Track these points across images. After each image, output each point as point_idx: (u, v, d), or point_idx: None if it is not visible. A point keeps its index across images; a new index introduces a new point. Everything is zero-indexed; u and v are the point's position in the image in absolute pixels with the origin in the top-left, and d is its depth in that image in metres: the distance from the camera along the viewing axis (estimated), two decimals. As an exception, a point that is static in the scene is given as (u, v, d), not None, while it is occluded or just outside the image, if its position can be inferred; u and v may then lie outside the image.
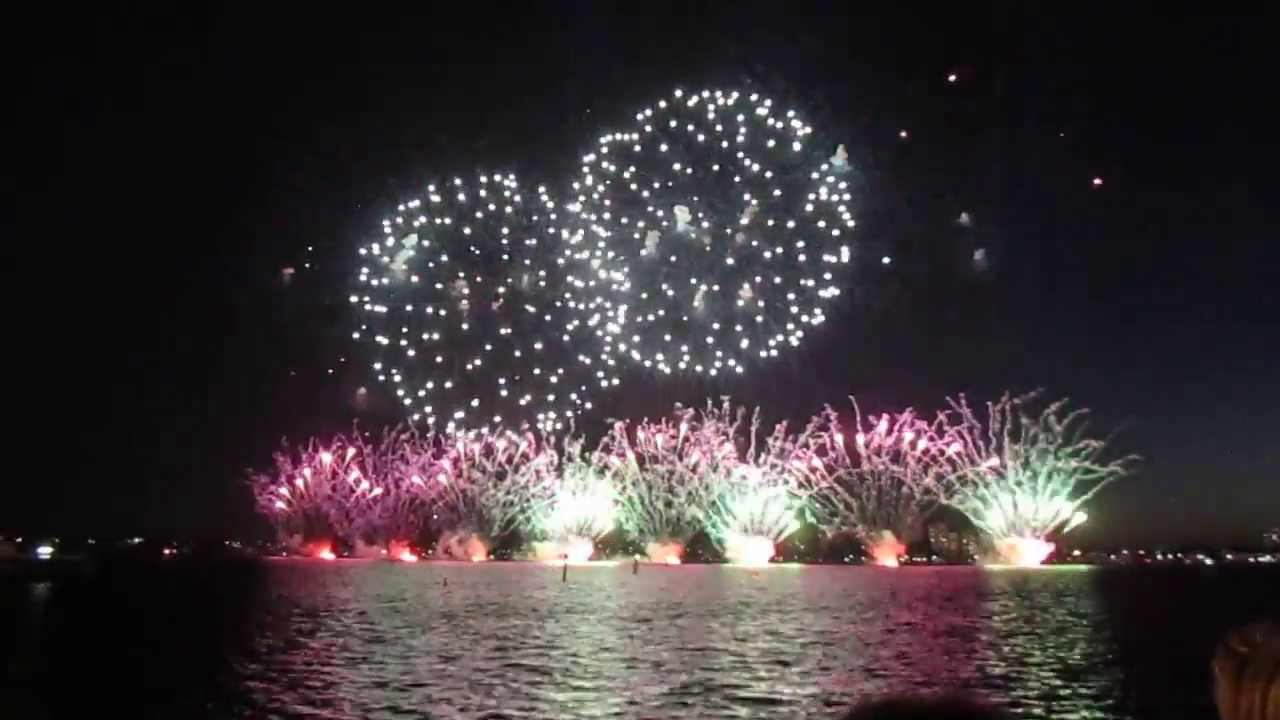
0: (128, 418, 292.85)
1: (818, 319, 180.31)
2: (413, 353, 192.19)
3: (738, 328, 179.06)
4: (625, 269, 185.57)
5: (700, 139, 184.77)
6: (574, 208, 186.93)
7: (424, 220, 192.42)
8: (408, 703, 20.43)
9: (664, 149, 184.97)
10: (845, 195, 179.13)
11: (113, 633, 38.99)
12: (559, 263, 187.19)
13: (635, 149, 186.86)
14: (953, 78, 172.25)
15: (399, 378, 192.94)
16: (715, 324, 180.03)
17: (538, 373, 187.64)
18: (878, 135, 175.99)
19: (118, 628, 41.33)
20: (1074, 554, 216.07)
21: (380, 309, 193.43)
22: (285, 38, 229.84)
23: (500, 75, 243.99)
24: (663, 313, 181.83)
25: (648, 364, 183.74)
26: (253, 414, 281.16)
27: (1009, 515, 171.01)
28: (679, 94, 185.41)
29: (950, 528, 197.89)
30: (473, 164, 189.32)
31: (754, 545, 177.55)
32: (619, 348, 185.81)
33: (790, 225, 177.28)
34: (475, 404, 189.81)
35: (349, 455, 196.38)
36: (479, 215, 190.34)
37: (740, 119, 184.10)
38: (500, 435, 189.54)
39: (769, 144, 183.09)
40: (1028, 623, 43.55)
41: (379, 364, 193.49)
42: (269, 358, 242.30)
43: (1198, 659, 1.97)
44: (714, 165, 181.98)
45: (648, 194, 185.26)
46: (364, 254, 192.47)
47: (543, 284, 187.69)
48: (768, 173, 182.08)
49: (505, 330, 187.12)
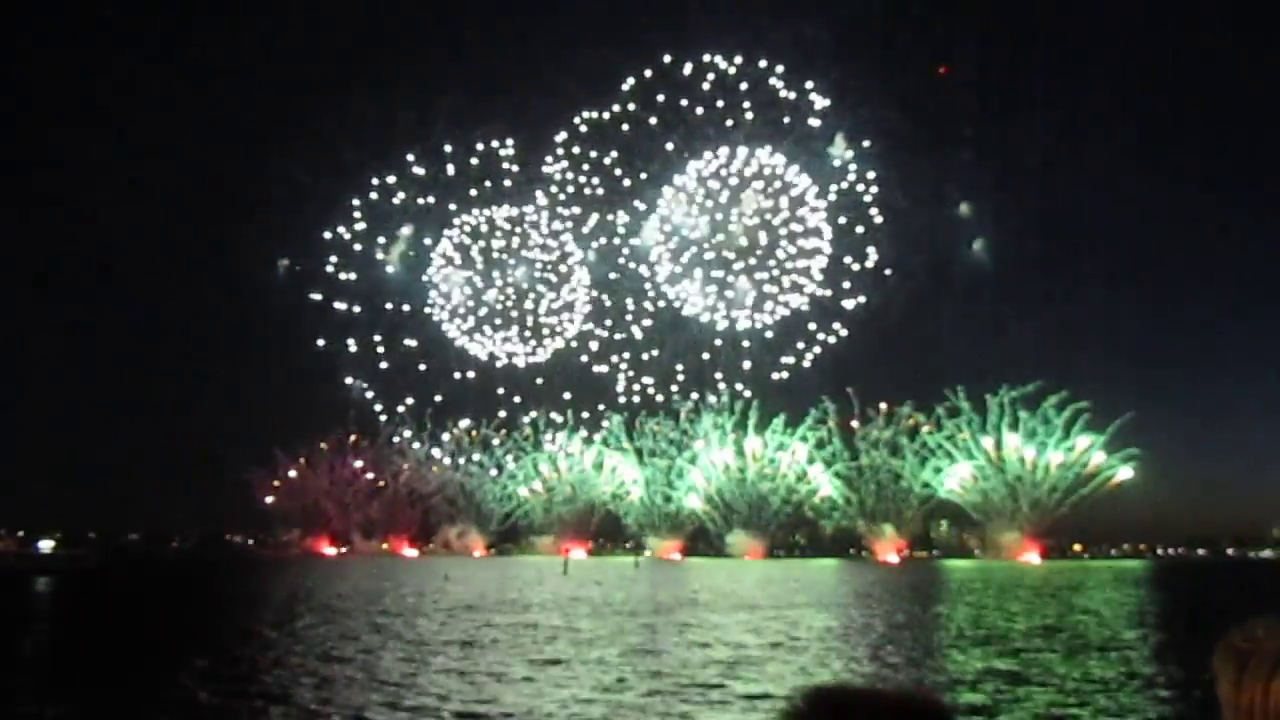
0: (129, 412, 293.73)
1: (840, 332, 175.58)
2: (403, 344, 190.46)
3: (734, 321, 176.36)
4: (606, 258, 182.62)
5: (697, 111, 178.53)
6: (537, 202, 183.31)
7: (405, 197, 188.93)
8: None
9: (651, 123, 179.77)
10: (871, 185, 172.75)
11: (111, 627, 38.98)
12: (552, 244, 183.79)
13: (621, 126, 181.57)
14: (947, 68, 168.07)
15: (387, 367, 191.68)
16: (708, 316, 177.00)
17: (534, 361, 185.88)
18: (875, 119, 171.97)
19: (116, 622, 41.33)
20: (1074, 549, 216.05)
21: (363, 303, 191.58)
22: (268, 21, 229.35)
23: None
24: (661, 304, 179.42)
25: (643, 356, 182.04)
26: (251, 408, 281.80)
27: (1008, 509, 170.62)
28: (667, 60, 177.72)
29: (951, 522, 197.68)
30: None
31: (752, 540, 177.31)
32: (610, 338, 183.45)
33: (799, 217, 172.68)
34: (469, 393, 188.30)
35: (345, 448, 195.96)
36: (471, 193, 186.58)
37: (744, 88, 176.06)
38: (498, 429, 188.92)
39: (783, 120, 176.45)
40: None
41: (368, 358, 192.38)
42: (266, 351, 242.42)
43: None
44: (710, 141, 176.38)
45: (629, 179, 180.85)
46: (353, 246, 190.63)
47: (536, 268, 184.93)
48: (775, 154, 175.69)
49: (496, 327, 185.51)
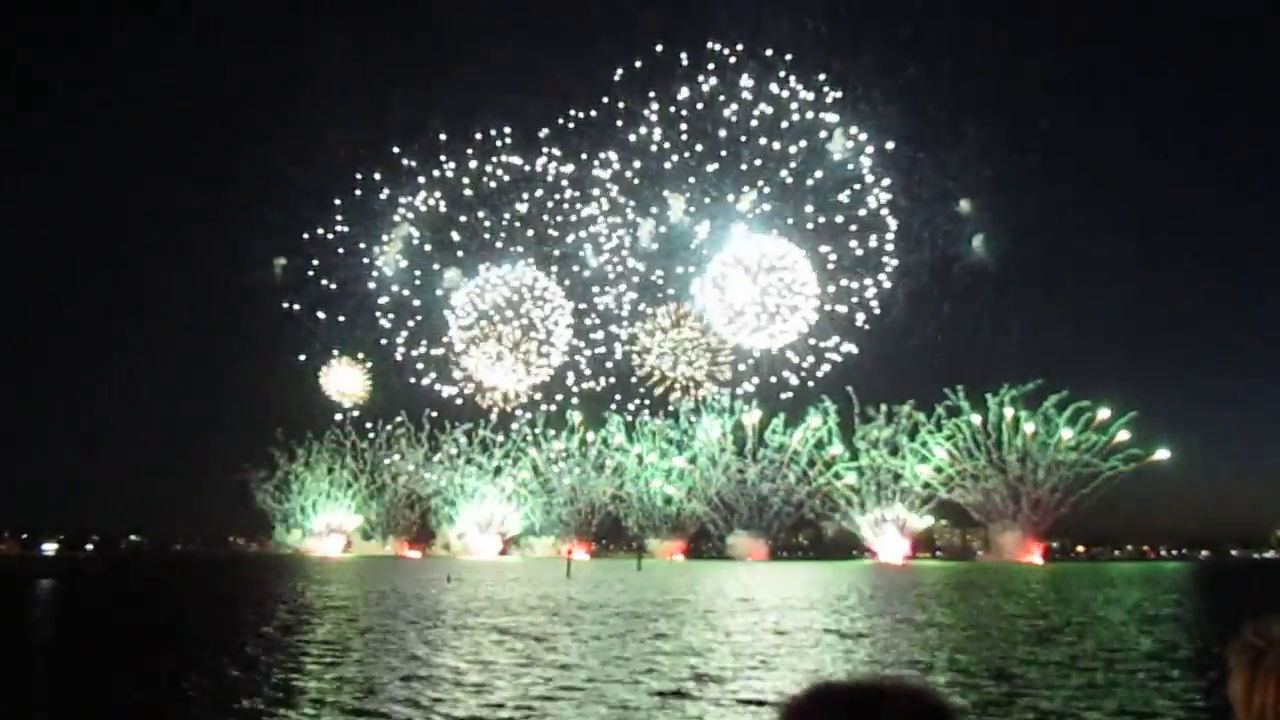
0: (130, 415, 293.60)
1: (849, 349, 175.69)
2: (403, 345, 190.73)
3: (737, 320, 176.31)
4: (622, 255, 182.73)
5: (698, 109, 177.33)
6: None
7: (415, 199, 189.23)
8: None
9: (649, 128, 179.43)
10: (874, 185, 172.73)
11: (115, 630, 39.00)
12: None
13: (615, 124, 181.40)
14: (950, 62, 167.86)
15: (389, 367, 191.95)
16: (712, 316, 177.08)
17: (533, 364, 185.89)
18: (874, 114, 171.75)
19: (121, 625, 41.34)
20: (1077, 550, 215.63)
21: (379, 299, 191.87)
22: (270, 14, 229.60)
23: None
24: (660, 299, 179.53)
25: (646, 356, 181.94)
26: (249, 408, 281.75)
27: (1009, 509, 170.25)
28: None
29: (954, 523, 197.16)
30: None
31: (753, 542, 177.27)
32: (616, 335, 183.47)
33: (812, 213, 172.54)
34: (466, 394, 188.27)
35: (343, 449, 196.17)
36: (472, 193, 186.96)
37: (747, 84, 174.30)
38: (493, 427, 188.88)
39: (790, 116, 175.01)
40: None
41: (369, 357, 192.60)
42: (264, 350, 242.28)
43: None
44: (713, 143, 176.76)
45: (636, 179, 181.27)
46: (361, 245, 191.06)
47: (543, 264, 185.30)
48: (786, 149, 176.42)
49: (499, 320, 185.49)
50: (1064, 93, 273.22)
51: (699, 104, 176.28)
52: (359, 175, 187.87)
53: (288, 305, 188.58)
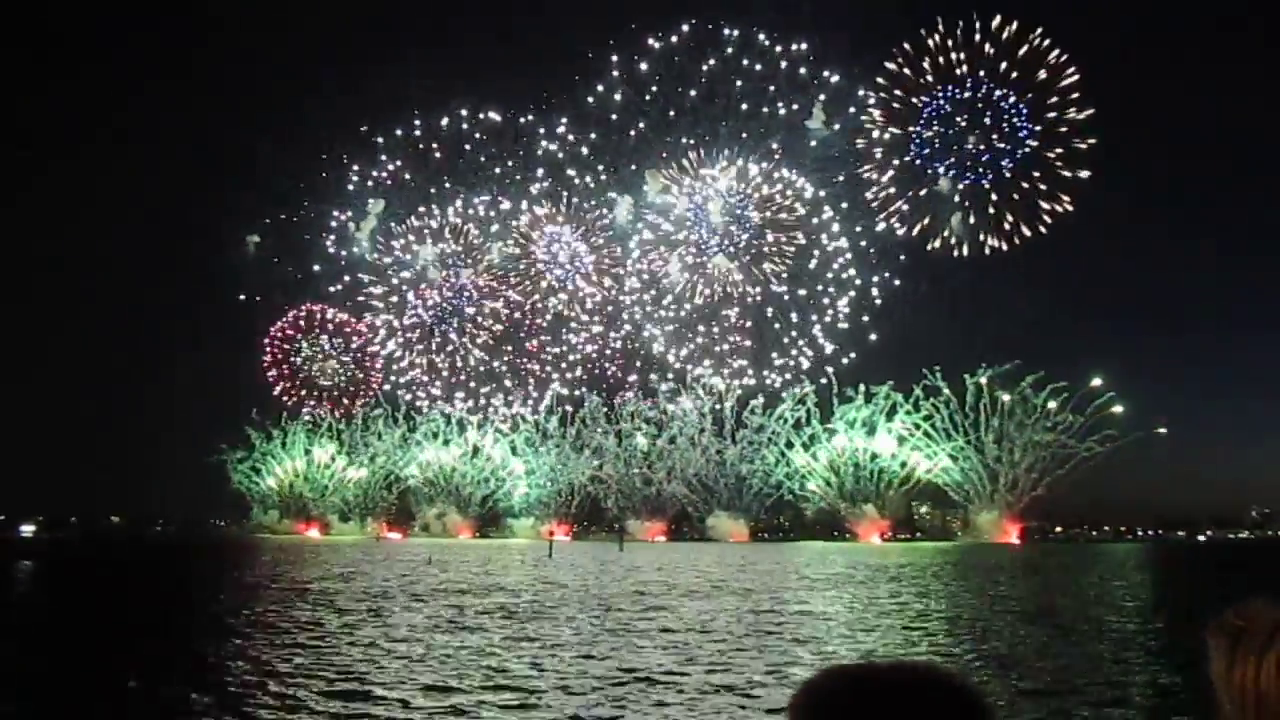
0: (109, 395, 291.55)
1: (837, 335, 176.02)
2: (380, 326, 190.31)
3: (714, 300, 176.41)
4: (591, 238, 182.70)
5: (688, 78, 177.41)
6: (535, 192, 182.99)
7: (390, 171, 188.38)
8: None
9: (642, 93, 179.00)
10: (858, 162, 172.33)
11: (91, 612, 38.79)
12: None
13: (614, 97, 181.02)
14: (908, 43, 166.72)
15: (363, 351, 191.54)
16: (689, 297, 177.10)
17: (508, 345, 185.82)
18: (852, 90, 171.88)
19: (97, 607, 41.12)
20: (1056, 530, 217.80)
21: (344, 280, 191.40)
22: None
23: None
24: (638, 287, 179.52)
25: (626, 337, 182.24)
26: (226, 388, 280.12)
27: (986, 490, 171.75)
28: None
29: (934, 504, 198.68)
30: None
31: (733, 524, 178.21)
32: (594, 317, 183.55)
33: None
34: (441, 376, 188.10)
35: (321, 430, 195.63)
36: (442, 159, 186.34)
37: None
38: (476, 409, 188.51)
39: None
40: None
41: (342, 339, 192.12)
42: (239, 329, 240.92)
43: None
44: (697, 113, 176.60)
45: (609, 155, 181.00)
46: (333, 220, 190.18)
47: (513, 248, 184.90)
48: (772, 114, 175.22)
49: (474, 304, 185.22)
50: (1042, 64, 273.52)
51: (677, 76, 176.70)
52: (329, 152, 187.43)
53: (261, 283, 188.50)
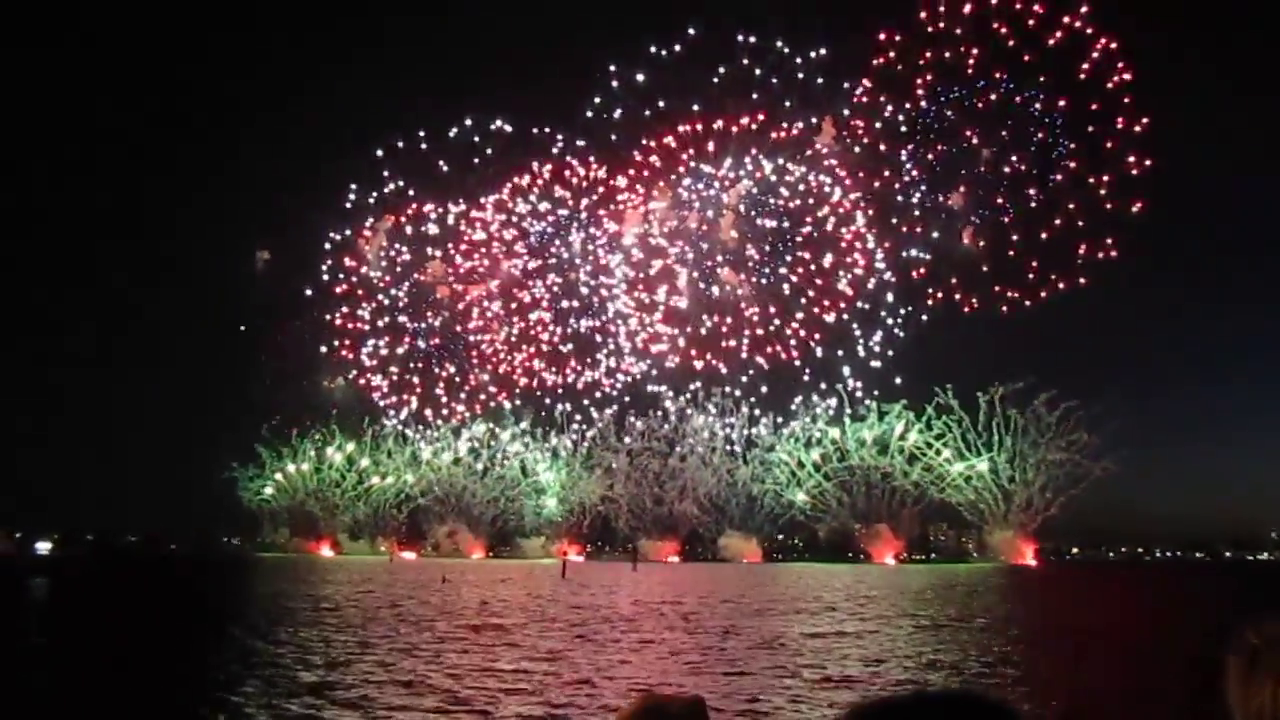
0: (126, 412, 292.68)
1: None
2: (385, 340, 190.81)
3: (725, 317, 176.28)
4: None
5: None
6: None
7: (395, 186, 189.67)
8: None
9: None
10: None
11: (105, 628, 38.96)
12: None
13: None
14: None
15: (371, 365, 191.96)
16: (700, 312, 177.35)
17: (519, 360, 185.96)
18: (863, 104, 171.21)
19: (111, 623, 41.30)
20: (1074, 551, 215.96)
21: (354, 294, 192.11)
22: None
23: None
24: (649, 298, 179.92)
25: (638, 353, 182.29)
26: (240, 405, 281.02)
27: (999, 510, 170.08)
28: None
29: (949, 524, 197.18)
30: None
31: (746, 544, 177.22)
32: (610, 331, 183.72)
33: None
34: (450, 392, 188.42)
35: (331, 447, 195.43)
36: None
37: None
38: (481, 424, 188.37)
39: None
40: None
41: (350, 354, 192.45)
42: (250, 346, 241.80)
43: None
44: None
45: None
46: (335, 235, 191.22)
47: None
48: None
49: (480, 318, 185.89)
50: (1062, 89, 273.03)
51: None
52: (340, 166, 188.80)
53: (273, 298, 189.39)
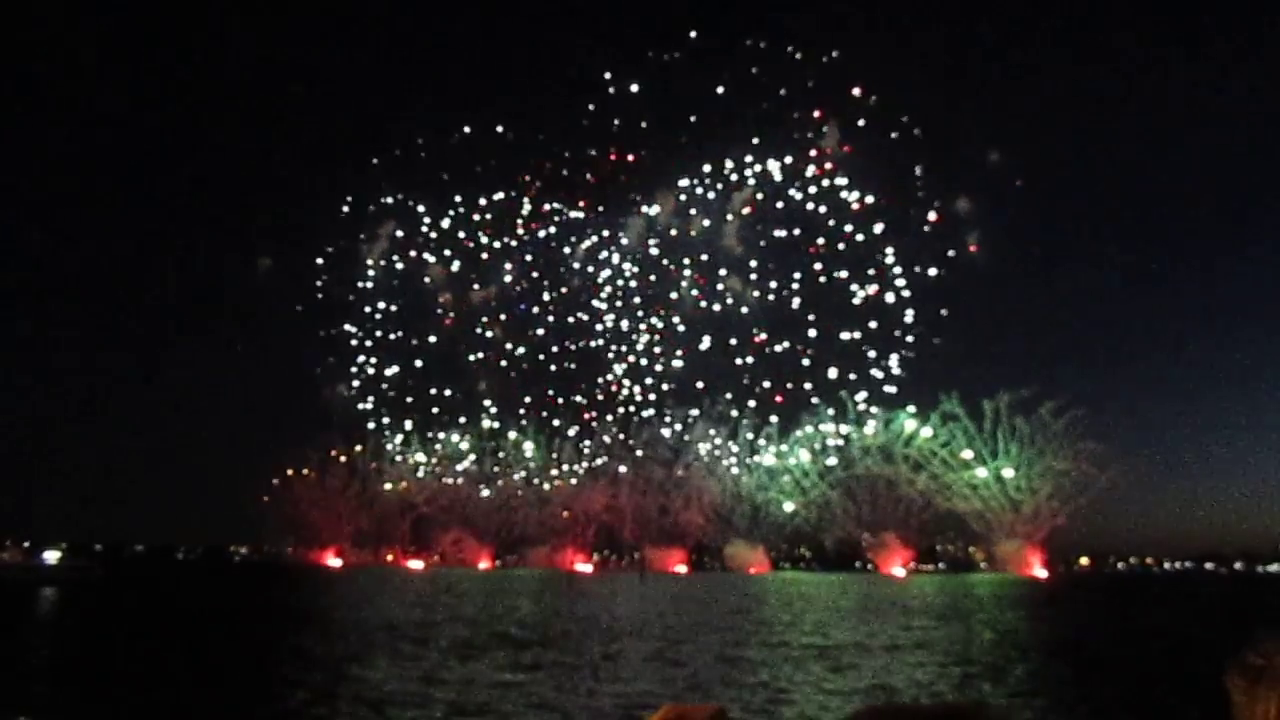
0: (134, 424, 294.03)
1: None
2: (389, 355, 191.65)
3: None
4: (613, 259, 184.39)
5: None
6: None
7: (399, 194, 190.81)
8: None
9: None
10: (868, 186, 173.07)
11: (113, 640, 38.86)
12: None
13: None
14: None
15: (374, 375, 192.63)
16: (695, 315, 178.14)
17: (524, 369, 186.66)
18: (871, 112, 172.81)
19: (119, 634, 41.21)
20: (1082, 562, 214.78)
21: (359, 307, 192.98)
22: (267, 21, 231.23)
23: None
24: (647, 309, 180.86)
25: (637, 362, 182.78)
26: (248, 415, 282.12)
27: (1006, 519, 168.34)
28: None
29: (957, 534, 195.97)
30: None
31: (753, 553, 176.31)
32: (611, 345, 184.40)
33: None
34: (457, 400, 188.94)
35: (334, 457, 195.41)
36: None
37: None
38: (487, 437, 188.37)
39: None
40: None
41: (355, 365, 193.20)
42: (256, 358, 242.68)
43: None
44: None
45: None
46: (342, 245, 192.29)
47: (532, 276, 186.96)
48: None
49: (489, 329, 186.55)
50: (1067, 98, 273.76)
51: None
52: (345, 175, 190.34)
53: (279, 308, 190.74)
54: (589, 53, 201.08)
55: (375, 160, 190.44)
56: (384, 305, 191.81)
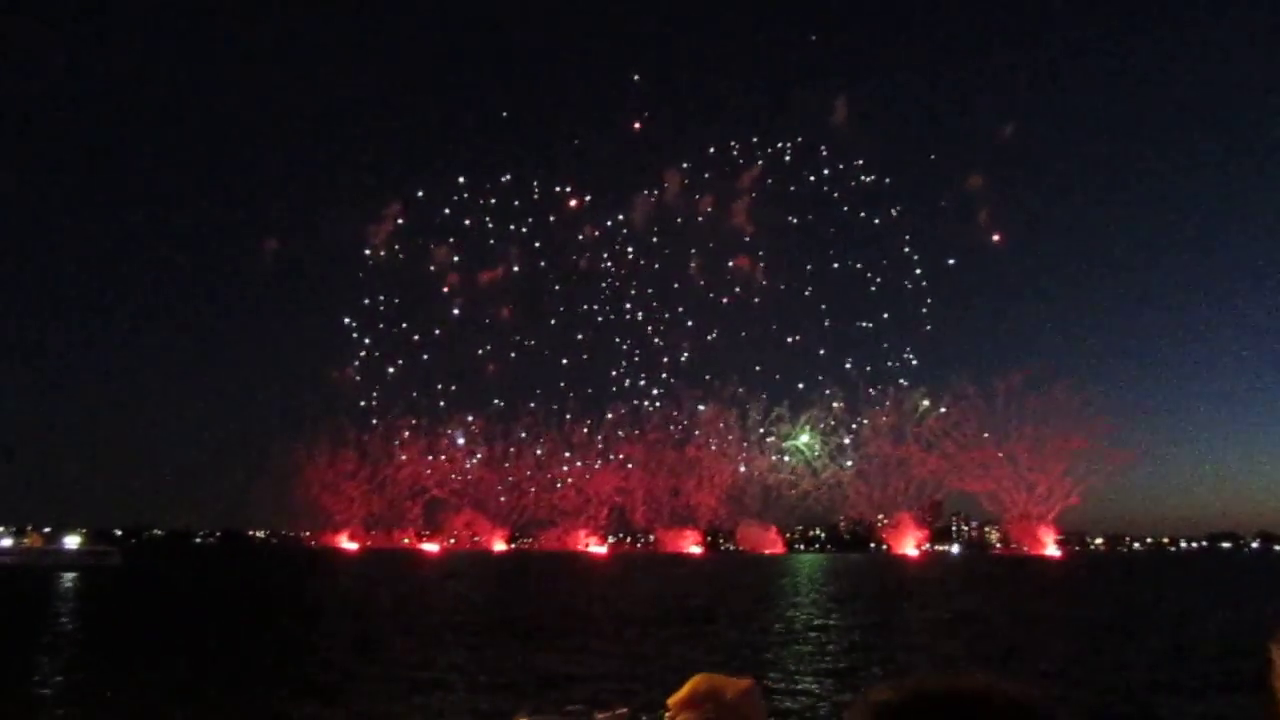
0: (153, 409, 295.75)
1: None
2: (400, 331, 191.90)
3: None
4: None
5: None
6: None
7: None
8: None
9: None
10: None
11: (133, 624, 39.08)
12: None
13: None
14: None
15: (385, 359, 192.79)
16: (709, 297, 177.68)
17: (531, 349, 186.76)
18: (890, 89, 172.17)
19: (139, 619, 41.44)
20: (1097, 542, 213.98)
21: (366, 289, 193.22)
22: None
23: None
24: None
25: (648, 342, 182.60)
26: (259, 401, 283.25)
27: (1020, 499, 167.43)
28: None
29: (970, 515, 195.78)
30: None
31: (766, 534, 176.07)
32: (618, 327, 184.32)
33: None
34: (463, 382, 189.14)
35: (346, 440, 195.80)
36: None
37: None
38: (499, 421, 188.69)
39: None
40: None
41: (364, 349, 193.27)
42: (265, 340, 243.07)
43: None
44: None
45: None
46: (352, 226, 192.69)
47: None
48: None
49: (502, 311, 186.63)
50: (1083, 74, 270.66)
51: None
52: (352, 159, 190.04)
53: (287, 295, 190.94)
54: (597, 36, 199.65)
55: (378, 145, 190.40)
56: (388, 293, 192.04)
